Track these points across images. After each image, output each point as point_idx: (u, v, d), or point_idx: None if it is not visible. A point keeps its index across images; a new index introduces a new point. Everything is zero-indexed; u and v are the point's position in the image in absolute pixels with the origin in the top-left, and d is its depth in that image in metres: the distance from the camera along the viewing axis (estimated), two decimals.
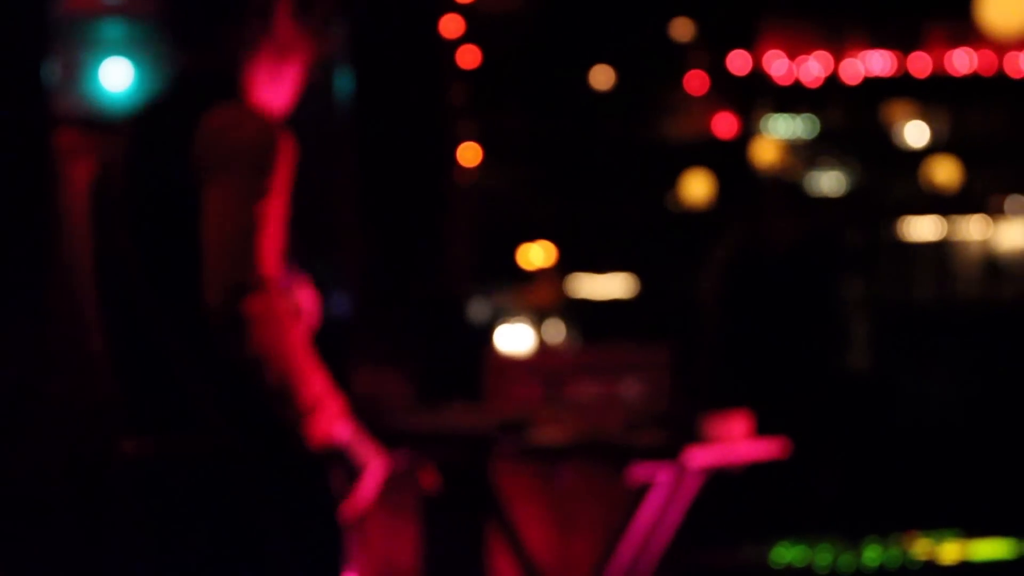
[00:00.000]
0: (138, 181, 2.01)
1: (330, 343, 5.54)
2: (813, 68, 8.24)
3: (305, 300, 2.22)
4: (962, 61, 8.37)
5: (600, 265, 7.62)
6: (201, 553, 1.95)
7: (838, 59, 8.32)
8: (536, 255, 7.33)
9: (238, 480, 1.93)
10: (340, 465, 1.98)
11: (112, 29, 6.63)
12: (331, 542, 1.99)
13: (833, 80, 8.28)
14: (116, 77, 6.56)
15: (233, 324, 1.87)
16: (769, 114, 8.30)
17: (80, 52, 6.63)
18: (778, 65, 8.19)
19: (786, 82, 8.23)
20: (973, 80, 8.35)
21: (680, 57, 8.38)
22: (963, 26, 8.38)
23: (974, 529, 5.06)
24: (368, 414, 4.67)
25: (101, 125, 6.66)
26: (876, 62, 8.34)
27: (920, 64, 8.37)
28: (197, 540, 1.95)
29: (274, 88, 2.07)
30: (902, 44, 8.41)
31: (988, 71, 8.38)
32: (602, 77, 8.30)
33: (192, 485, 1.94)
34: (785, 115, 8.39)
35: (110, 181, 2.08)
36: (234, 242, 1.90)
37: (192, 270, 1.93)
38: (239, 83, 2.03)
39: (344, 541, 2.01)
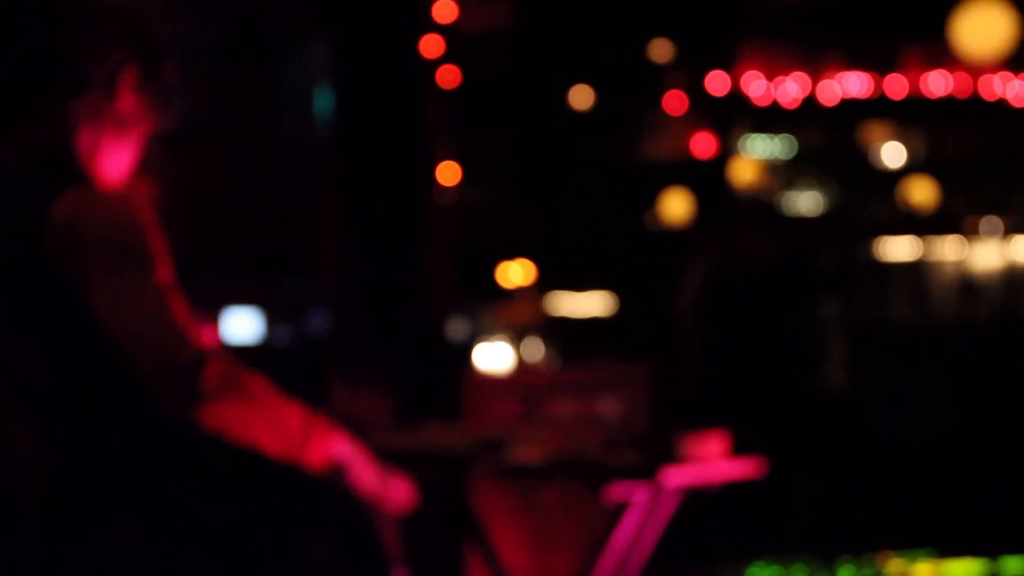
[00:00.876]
0: None
1: (310, 362, 5.54)
2: (791, 89, 8.30)
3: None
4: (938, 83, 8.44)
5: (579, 283, 7.65)
6: None
7: (815, 80, 8.38)
8: (515, 273, 7.35)
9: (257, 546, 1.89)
10: (348, 481, 1.98)
11: None
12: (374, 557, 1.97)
13: (810, 101, 8.34)
14: None
15: (198, 406, 1.81)
16: (747, 134, 8.35)
17: None
18: (756, 86, 8.24)
19: (764, 103, 8.29)
20: (949, 102, 8.42)
21: (659, 77, 8.42)
22: (939, 48, 8.46)
23: (947, 549, 5.09)
24: (347, 432, 4.66)
25: None
26: (853, 83, 8.41)
27: (896, 86, 8.44)
28: None
29: (114, 160, 1.97)
30: (879, 66, 8.48)
31: (964, 93, 8.45)
32: (581, 97, 8.33)
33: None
34: (763, 135, 8.45)
35: None
36: (158, 327, 1.82)
37: (97, 373, 1.85)
38: (77, 160, 1.93)
39: (385, 552, 2.00)
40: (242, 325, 6.08)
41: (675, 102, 8.45)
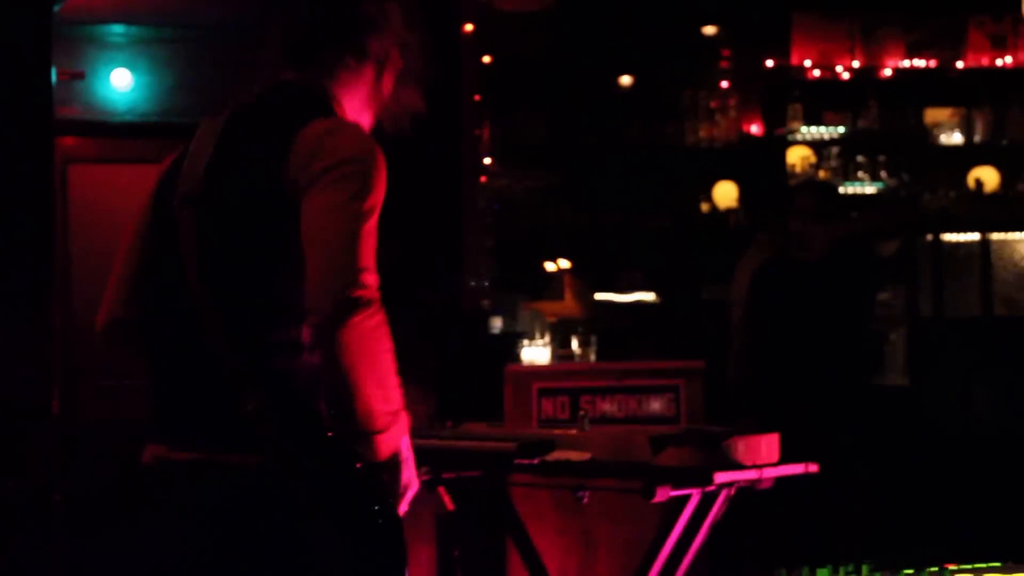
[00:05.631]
0: (221, 185, 2.08)
1: None
2: (849, 69, 8.30)
3: None
4: (1005, 63, 8.41)
5: (626, 276, 7.67)
6: (255, 561, 2.02)
7: (875, 60, 8.37)
8: (560, 266, 7.38)
9: (293, 491, 1.98)
10: (388, 478, 2.07)
11: (116, 33, 6.75)
12: (391, 545, 2.09)
13: (870, 81, 8.32)
14: (120, 80, 6.69)
15: (342, 334, 1.94)
16: (801, 117, 8.35)
17: (84, 55, 6.75)
18: (812, 66, 8.25)
19: (820, 84, 8.28)
20: (1016, 82, 8.38)
21: (709, 58, 8.43)
22: (1005, 27, 8.42)
23: (1018, 563, 5.07)
24: None
25: (105, 128, 6.78)
26: (915, 63, 8.39)
27: (961, 65, 8.42)
28: (251, 550, 2.02)
29: (358, 118, 2.25)
30: (942, 44, 8.46)
31: None
32: (628, 80, 8.36)
33: (242, 497, 2.00)
34: (819, 117, 8.44)
35: (170, 186, 2.16)
36: (346, 250, 1.97)
37: (266, 279, 2.01)
38: (331, 102, 2.18)
39: (403, 544, 2.12)
40: None
41: (727, 84, 8.46)
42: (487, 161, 6.34)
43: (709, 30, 8.44)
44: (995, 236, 6.38)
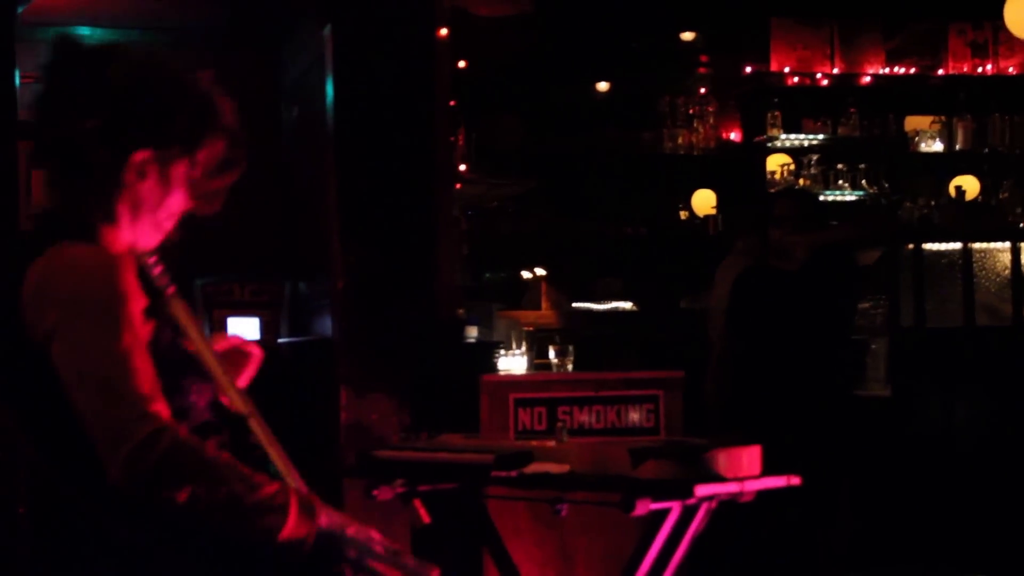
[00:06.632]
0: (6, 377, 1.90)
1: (321, 368, 5.60)
2: (827, 77, 8.34)
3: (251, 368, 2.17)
4: (984, 70, 8.47)
5: (603, 284, 7.68)
6: None
7: (854, 67, 8.41)
8: (537, 275, 7.39)
9: None
10: (341, 553, 1.91)
11: (82, 35, 6.73)
12: None
13: (849, 89, 8.37)
14: None
15: (151, 489, 1.77)
16: (780, 124, 8.37)
17: (48, 59, 6.71)
18: (790, 74, 8.28)
19: (799, 92, 8.32)
20: (996, 90, 8.44)
21: (688, 65, 8.45)
22: (985, 34, 8.48)
23: (1002, 573, 5.10)
24: (360, 442, 4.72)
25: None
26: (894, 70, 8.44)
27: (941, 73, 8.47)
28: None
29: (132, 232, 2.01)
30: (921, 52, 8.51)
31: (1013, 80, 8.48)
32: (604, 86, 8.38)
33: None
34: (798, 125, 8.47)
35: None
36: (113, 396, 1.76)
37: (67, 443, 1.83)
38: (78, 226, 1.95)
39: None
40: (246, 330, 6.15)
41: (705, 90, 8.48)
42: (462, 167, 6.34)
43: (687, 36, 8.47)
44: (977, 245, 6.41)
